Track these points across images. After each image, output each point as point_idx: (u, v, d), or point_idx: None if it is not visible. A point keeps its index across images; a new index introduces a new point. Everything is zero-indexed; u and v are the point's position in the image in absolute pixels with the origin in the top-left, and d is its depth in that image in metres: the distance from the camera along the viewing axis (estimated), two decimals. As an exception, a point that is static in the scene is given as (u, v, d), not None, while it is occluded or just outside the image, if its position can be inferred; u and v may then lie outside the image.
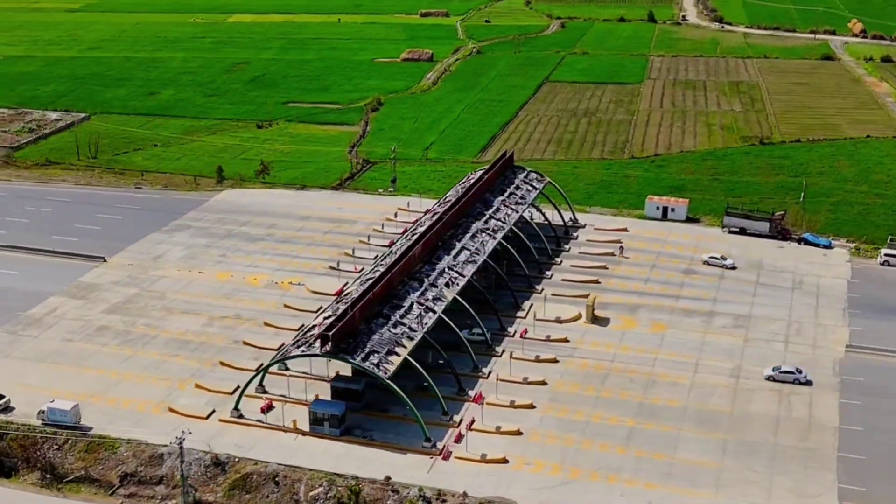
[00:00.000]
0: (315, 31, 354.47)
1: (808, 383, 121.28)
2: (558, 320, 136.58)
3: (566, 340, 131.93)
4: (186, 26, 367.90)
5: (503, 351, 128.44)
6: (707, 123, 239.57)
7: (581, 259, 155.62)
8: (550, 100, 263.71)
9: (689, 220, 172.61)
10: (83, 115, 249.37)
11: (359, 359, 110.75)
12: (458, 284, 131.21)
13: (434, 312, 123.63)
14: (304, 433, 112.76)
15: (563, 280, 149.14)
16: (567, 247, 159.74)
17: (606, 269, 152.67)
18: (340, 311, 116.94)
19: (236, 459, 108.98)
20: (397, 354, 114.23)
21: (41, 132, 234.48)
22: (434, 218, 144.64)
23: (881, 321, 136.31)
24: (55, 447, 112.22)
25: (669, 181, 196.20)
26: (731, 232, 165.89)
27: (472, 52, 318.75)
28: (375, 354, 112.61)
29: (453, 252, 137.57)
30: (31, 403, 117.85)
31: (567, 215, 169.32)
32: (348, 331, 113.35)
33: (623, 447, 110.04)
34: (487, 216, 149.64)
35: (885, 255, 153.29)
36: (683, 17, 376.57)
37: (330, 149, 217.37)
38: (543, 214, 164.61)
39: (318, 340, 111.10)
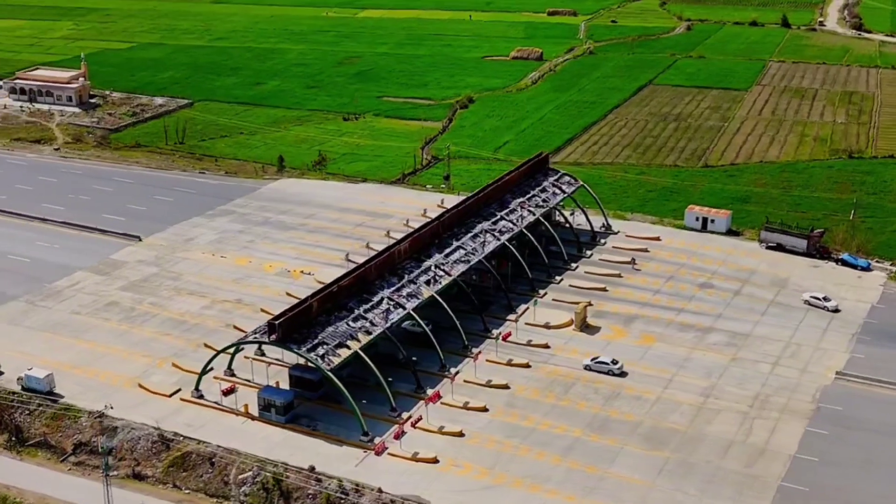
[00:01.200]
0: (437, 28, 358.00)
1: (623, 374, 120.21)
2: (547, 325, 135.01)
3: (546, 346, 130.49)
4: (317, 20, 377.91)
5: (479, 352, 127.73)
6: (801, 134, 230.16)
7: (598, 266, 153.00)
8: (646, 103, 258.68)
9: (730, 232, 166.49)
10: (186, 101, 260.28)
11: (304, 349, 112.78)
12: (439, 283, 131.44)
13: (403, 309, 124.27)
14: (253, 418, 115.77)
15: (570, 286, 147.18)
16: (589, 253, 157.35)
17: (620, 277, 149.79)
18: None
19: (181, 438, 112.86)
20: (347, 348, 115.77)
21: (141, 116, 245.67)
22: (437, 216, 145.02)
23: (889, 349, 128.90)
24: (26, 412, 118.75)
25: (734, 192, 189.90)
26: (768, 247, 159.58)
27: (585, 53, 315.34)
28: (324, 346, 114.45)
29: (447, 250, 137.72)
30: (19, 370, 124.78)
31: (600, 221, 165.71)
32: (303, 321, 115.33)
33: (560, 457, 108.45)
34: (498, 217, 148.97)
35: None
36: (821, 22, 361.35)
37: (405, 144, 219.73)
38: (566, 218, 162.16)
39: (267, 328, 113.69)
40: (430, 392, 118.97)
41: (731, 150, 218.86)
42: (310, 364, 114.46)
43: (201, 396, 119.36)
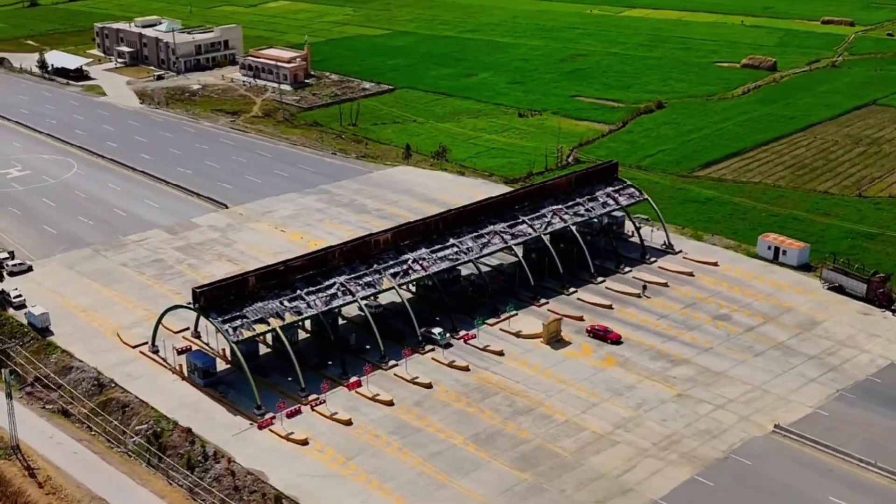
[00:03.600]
0: (690, 31, 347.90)
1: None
2: (517, 334, 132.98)
3: (501, 353, 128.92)
4: (576, 16, 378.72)
5: (429, 350, 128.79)
6: None
7: (623, 283, 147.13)
8: (851, 123, 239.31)
9: (804, 267, 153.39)
10: (389, 87, 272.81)
11: (220, 319, 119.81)
12: (408, 276, 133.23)
13: (351, 295, 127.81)
14: (182, 377, 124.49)
15: (578, 299, 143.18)
16: (626, 269, 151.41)
17: (638, 297, 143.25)
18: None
19: (114, 385, 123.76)
20: (267, 324, 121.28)
21: (338, 98, 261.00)
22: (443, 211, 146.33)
23: (864, 410, 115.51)
24: (20, 344, 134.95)
25: (862, 228, 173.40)
26: (829, 288, 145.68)
27: (827, 65, 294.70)
28: (243, 319, 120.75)
29: (436, 246, 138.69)
30: (45, 307, 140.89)
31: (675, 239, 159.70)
32: (234, 293, 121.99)
33: (422, 460, 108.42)
34: (519, 220, 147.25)
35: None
36: None
37: (560, 143, 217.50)
38: (635, 230, 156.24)
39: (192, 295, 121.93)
40: (352, 379, 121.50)
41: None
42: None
43: (156, 352, 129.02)
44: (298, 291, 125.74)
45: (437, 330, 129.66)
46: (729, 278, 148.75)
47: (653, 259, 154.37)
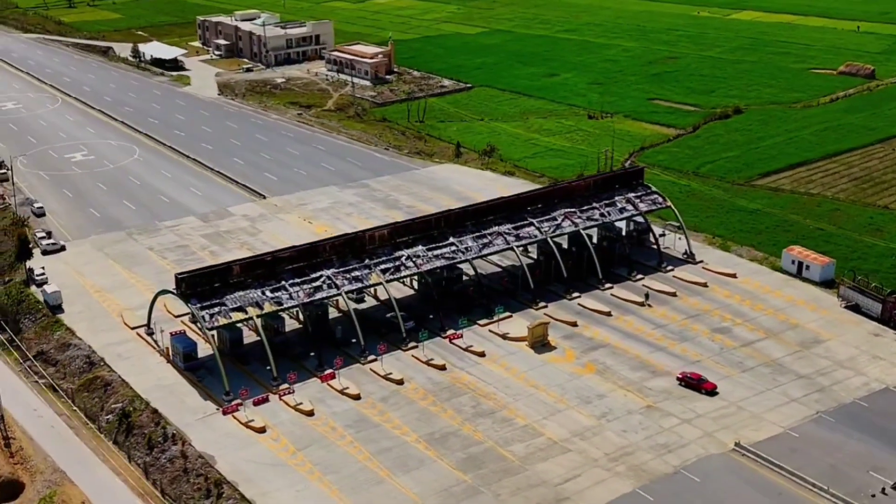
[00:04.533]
0: (796, 35, 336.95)
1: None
2: (504, 336, 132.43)
3: (482, 354, 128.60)
4: (680, 18, 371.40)
5: (412, 347, 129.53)
6: None
7: (631, 291, 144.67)
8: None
9: (827, 283, 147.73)
10: (466, 85, 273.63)
11: (198, 305, 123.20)
12: (399, 272, 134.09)
13: (337, 288, 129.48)
14: (168, 360, 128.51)
15: (578, 304, 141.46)
16: (638, 276, 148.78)
17: (641, 306, 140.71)
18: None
19: (102, 364, 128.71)
20: (245, 312, 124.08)
21: (413, 94, 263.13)
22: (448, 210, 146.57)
23: (839, 434, 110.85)
24: (33, 319, 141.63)
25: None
26: (846, 307, 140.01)
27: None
28: (221, 307, 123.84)
29: (433, 245, 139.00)
30: (66, 286, 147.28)
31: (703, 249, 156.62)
32: (215, 280, 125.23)
33: (370, 455, 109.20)
34: (527, 223, 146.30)
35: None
36: None
37: (615, 146, 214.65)
38: (615, 239, 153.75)
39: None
40: (326, 371, 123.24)
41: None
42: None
43: (151, 334, 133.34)
44: (283, 282, 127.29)
45: (409, 324, 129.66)
46: (743, 291, 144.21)
47: (669, 268, 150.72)
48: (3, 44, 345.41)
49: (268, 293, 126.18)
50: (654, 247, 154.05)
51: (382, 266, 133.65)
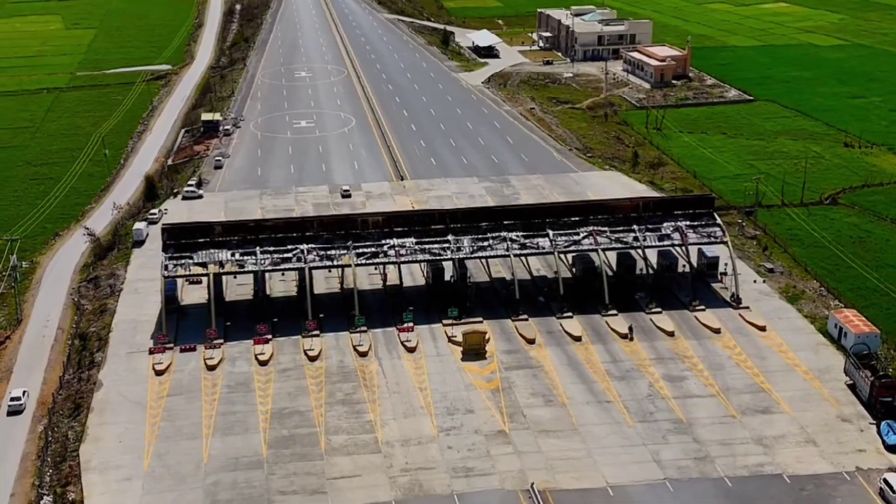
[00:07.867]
0: None
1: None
2: (451, 339, 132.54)
3: (412, 350, 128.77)
4: None
5: (360, 329, 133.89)
6: None
7: (628, 321, 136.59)
8: None
9: (862, 355, 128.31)
10: (749, 97, 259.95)
11: (167, 255, 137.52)
12: (373, 258, 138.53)
13: (304, 265, 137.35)
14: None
15: (560, 324, 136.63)
16: (654, 307, 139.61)
17: (623, 338, 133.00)
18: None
19: (118, 293, 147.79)
20: (205, 269, 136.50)
21: (684, 101, 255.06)
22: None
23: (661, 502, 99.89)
24: (119, 248, 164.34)
25: None
26: (848, 384, 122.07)
27: None
28: (188, 260, 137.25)
29: (427, 238, 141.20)
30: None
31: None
32: (198, 236, 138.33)
33: (211, 415, 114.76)
34: (543, 233, 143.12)
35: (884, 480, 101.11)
36: None
37: (835, 179, 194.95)
38: (668, 267, 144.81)
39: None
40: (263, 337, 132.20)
41: None
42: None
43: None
44: (255, 249, 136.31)
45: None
46: (752, 345, 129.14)
47: (701, 307, 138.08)
48: (356, 15, 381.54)
49: (236, 255, 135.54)
50: (717, 284, 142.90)
51: (361, 250, 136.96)
